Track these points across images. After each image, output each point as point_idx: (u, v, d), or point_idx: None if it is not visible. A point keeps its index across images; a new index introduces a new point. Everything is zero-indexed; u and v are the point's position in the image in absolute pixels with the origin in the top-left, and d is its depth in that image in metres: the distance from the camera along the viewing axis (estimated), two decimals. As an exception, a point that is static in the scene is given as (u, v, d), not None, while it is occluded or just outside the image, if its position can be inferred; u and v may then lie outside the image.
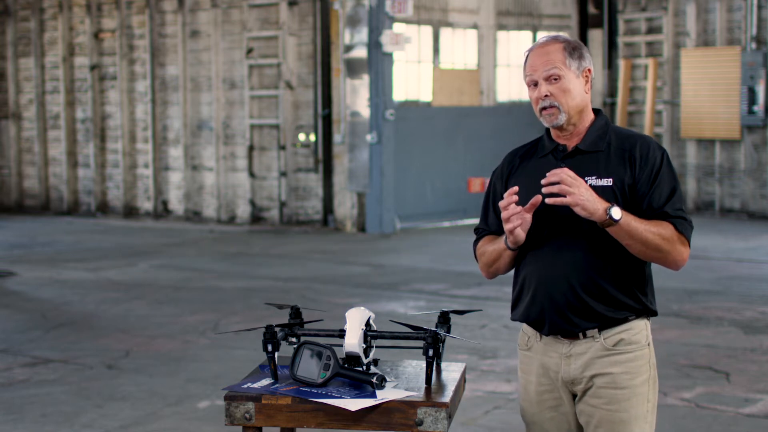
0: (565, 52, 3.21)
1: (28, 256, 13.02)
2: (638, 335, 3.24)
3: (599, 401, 3.21)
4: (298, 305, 3.31)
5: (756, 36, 15.50)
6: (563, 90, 3.19)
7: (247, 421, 2.96)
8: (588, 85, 3.25)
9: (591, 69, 3.26)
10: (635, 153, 3.20)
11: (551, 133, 3.30)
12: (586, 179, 3.17)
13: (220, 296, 10.00)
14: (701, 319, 8.69)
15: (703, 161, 16.30)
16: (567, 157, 3.24)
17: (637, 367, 3.23)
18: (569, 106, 3.20)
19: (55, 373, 7.16)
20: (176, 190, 16.96)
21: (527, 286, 3.27)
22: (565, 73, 3.20)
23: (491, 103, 17.54)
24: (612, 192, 3.16)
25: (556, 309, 3.21)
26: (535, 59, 3.22)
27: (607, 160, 3.21)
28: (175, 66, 16.81)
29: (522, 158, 3.36)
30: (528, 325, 3.33)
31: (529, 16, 17.95)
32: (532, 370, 3.32)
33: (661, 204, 3.17)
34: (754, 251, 12.59)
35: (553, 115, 3.20)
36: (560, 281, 3.19)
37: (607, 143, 3.23)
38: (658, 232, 3.12)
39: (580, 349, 3.23)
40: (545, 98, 3.19)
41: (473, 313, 4.40)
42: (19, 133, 18.77)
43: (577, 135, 3.26)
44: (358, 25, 14.45)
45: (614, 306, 3.20)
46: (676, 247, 3.15)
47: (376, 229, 14.66)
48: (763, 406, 6.22)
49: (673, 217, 3.16)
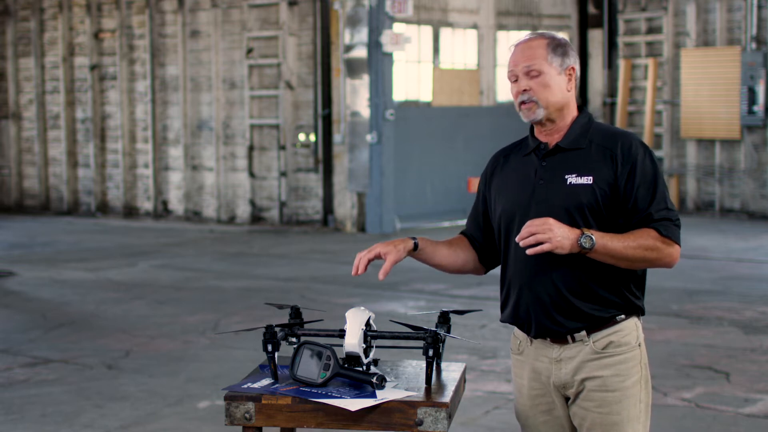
0: (548, 48, 3.19)
1: (28, 256, 13.02)
2: (628, 336, 3.21)
3: (591, 404, 3.20)
4: (298, 305, 3.31)
5: (756, 36, 15.50)
6: (543, 85, 3.17)
7: (247, 421, 2.96)
8: (571, 83, 3.22)
9: (575, 67, 3.23)
10: (616, 151, 3.16)
11: (534, 131, 3.29)
12: (566, 177, 3.16)
13: (220, 296, 10.00)
14: (701, 319, 8.69)
15: (703, 161, 16.30)
16: (548, 155, 3.22)
17: (627, 369, 3.20)
18: (548, 101, 3.18)
19: (55, 373, 7.16)
20: (176, 190, 16.96)
21: (513, 287, 3.26)
22: (547, 69, 3.17)
23: (491, 103, 17.55)
24: (592, 190, 3.13)
25: (542, 309, 3.19)
26: (518, 54, 3.21)
27: (588, 157, 3.18)
28: (175, 66, 16.81)
29: (506, 157, 3.37)
30: (517, 327, 3.32)
31: (529, 16, 17.96)
32: (524, 374, 3.32)
33: (645, 206, 3.14)
34: (754, 251, 12.59)
35: (531, 110, 3.19)
36: (545, 281, 3.18)
37: (588, 141, 3.20)
38: (639, 245, 3.09)
39: (570, 353, 3.21)
40: (524, 92, 3.18)
41: (473, 313, 4.40)
42: (19, 133, 18.77)
43: (558, 132, 3.23)
44: (358, 25, 14.45)
45: (601, 304, 3.18)
46: (662, 252, 3.12)
47: (376, 229, 14.66)
48: (763, 406, 6.22)
49: (657, 221, 3.13)
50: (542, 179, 3.21)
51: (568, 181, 3.16)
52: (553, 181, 3.19)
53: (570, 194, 3.16)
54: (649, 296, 3.78)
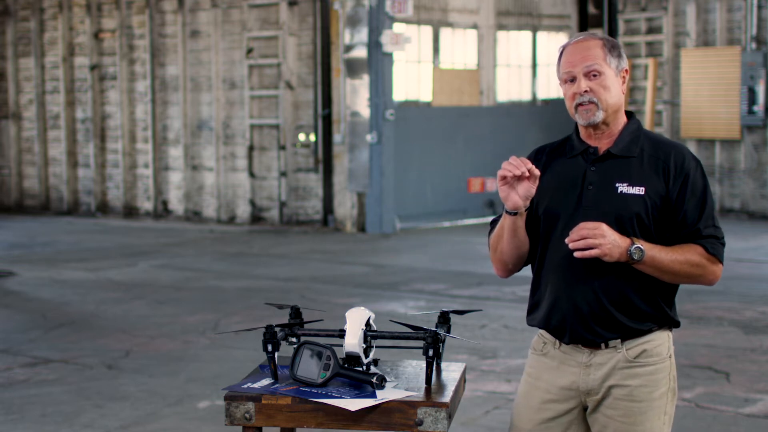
0: (605, 48, 3.10)
1: (28, 256, 13.02)
2: (660, 347, 3.18)
3: (615, 413, 3.13)
4: (298, 305, 3.31)
5: (756, 36, 15.50)
6: (603, 86, 3.07)
7: (247, 421, 2.96)
8: (624, 86, 3.14)
9: (628, 70, 3.16)
10: (669, 163, 3.09)
11: (581, 133, 3.18)
12: (617, 185, 3.08)
13: (220, 296, 10.00)
14: (701, 319, 8.69)
15: (703, 161, 16.19)
16: (598, 161, 3.12)
17: (656, 380, 3.16)
18: (608, 103, 3.08)
19: (55, 373, 7.16)
20: (176, 190, 16.96)
21: (548, 292, 3.16)
22: (606, 69, 3.08)
23: (491, 103, 17.54)
24: (643, 201, 3.06)
25: (580, 318, 3.11)
26: (574, 54, 3.10)
27: (640, 167, 3.09)
28: (175, 66, 16.81)
29: (550, 156, 3.22)
30: (547, 332, 3.23)
31: (528, 16, 17.95)
32: (542, 376, 3.21)
33: (694, 221, 3.08)
34: (754, 251, 12.59)
35: (590, 112, 3.08)
36: (585, 290, 3.09)
37: (640, 149, 3.12)
38: (686, 260, 3.05)
39: (601, 359, 3.14)
40: (584, 93, 3.07)
41: (473, 313, 4.39)
42: (19, 133, 18.78)
43: (609, 137, 3.14)
44: (358, 25, 14.45)
45: (638, 317, 3.12)
46: (707, 269, 3.08)
47: (376, 229, 14.66)
48: (763, 406, 6.21)
49: (704, 237, 3.07)
50: (591, 184, 3.11)
51: (618, 189, 3.08)
52: (603, 187, 3.10)
53: (620, 203, 3.08)
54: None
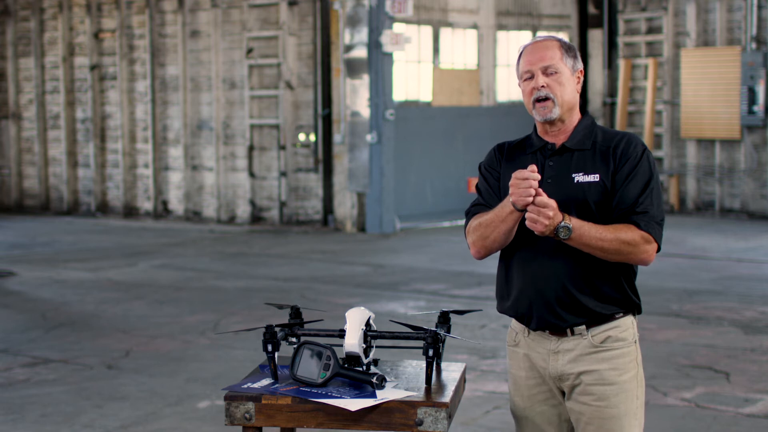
0: (562, 49, 3.28)
1: (28, 256, 13.02)
2: (625, 332, 3.27)
3: (588, 398, 3.23)
4: (298, 305, 3.31)
5: (756, 36, 15.49)
6: (559, 83, 3.24)
7: (247, 421, 2.96)
8: (578, 86, 3.31)
9: (582, 71, 3.33)
10: (617, 149, 3.23)
11: (538, 130, 3.33)
12: (573, 175, 3.22)
13: (220, 296, 10.00)
14: (701, 319, 8.69)
15: (703, 161, 16.30)
16: (554, 155, 3.28)
17: (624, 363, 3.25)
18: (563, 99, 3.24)
19: (55, 373, 7.16)
20: (176, 190, 16.96)
21: (515, 279, 3.29)
22: (562, 68, 3.25)
23: (491, 103, 17.55)
24: (599, 187, 3.19)
25: (545, 303, 3.23)
26: (533, 54, 3.27)
27: (593, 157, 3.25)
28: (175, 66, 16.81)
29: (510, 153, 3.38)
30: (516, 320, 3.36)
31: (528, 16, 17.96)
32: (520, 365, 3.34)
33: (632, 200, 3.18)
34: (754, 251, 12.59)
35: (547, 108, 3.23)
36: (550, 276, 3.22)
37: (593, 141, 3.28)
38: (615, 237, 3.12)
39: (568, 345, 3.25)
40: (542, 89, 3.23)
41: (473, 313, 4.40)
42: (19, 133, 18.77)
43: (565, 133, 3.29)
44: (358, 25, 14.45)
45: (603, 301, 3.22)
46: (639, 248, 3.15)
47: (376, 229, 14.66)
48: (763, 406, 6.22)
49: (639, 214, 3.16)
50: (549, 178, 3.24)
51: (575, 179, 3.22)
52: (561, 179, 3.23)
53: (578, 191, 3.21)
54: (650, 296, 3.79)
